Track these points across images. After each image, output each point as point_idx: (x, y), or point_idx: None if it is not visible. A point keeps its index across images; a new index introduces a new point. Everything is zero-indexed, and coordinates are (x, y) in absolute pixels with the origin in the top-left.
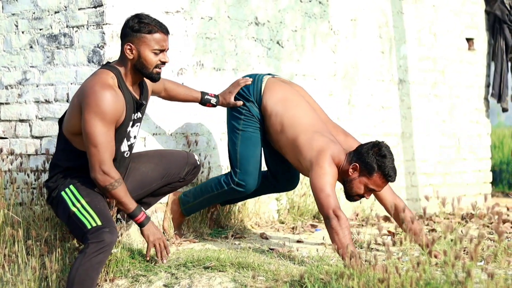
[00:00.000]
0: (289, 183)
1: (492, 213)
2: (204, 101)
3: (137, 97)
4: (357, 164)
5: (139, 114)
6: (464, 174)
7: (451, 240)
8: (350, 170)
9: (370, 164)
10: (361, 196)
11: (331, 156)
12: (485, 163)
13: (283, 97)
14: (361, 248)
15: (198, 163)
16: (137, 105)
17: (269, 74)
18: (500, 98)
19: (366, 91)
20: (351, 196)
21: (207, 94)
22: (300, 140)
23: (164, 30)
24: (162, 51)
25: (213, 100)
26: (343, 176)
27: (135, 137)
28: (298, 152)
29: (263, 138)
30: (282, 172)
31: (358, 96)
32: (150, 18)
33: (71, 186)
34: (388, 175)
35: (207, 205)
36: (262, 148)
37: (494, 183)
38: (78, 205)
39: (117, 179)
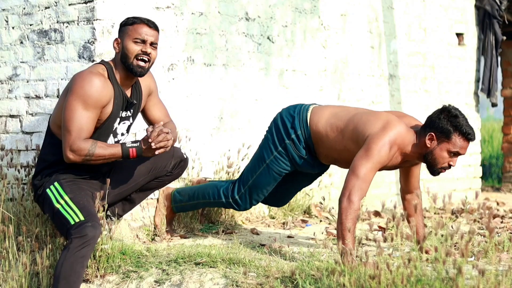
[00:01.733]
0: (281, 201)
1: (482, 208)
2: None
3: (128, 95)
4: (432, 133)
5: (128, 113)
6: (454, 169)
7: (442, 235)
8: (427, 141)
9: (445, 127)
10: (446, 168)
11: (390, 138)
12: (474, 158)
13: (333, 112)
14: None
15: (185, 156)
16: (127, 103)
17: (314, 103)
18: (489, 93)
19: (356, 86)
20: (436, 168)
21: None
22: (361, 121)
23: (149, 24)
24: (143, 41)
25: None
26: (421, 152)
27: (122, 134)
28: (361, 135)
29: (286, 174)
30: (282, 194)
31: (348, 91)
32: (141, 17)
33: (56, 183)
34: (467, 133)
35: (199, 208)
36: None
37: (483, 177)
38: (62, 201)
39: (89, 147)
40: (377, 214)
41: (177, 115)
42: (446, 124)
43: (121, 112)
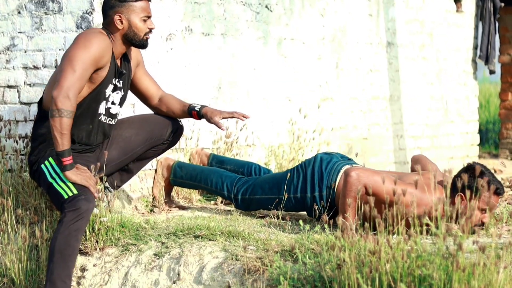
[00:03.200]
0: None
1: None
2: (189, 109)
3: (119, 64)
4: (461, 194)
5: (120, 83)
6: (452, 136)
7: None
8: (456, 201)
9: (472, 186)
10: (480, 225)
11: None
12: (472, 125)
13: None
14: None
15: (180, 124)
16: (118, 73)
17: (348, 163)
18: (487, 60)
19: (354, 55)
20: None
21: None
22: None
23: None
24: (149, 17)
25: (198, 107)
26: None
27: (113, 103)
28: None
29: None
30: None
31: (346, 60)
32: None
33: (50, 159)
34: (496, 188)
35: (197, 189)
36: None
37: (480, 143)
38: (56, 176)
39: (72, 111)
40: None
41: (175, 85)
42: (473, 182)
43: (113, 79)
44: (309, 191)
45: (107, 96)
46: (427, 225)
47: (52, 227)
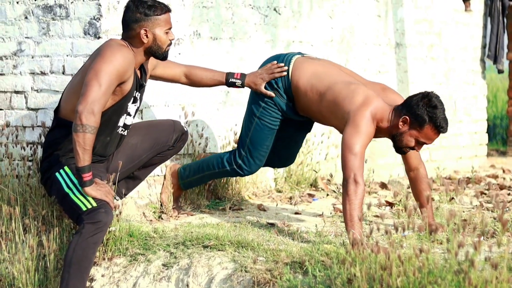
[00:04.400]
0: (287, 162)
1: (496, 201)
2: (229, 84)
3: (139, 76)
4: (407, 117)
5: (138, 94)
6: (460, 136)
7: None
8: (400, 123)
9: (420, 116)
10: (411, 148)
11: (371, 113)
12: (480, 125)
13: (315, 70)
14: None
15: (186, 129)
16: (138, 85)
17: (299, 53)
18: (496, 59)
19: (362, 56)
20: (400, 148)
21: (233, 75)
22: (341, 95)
23: (169, 9)
24: (170, 29)
25: (239, 83)
26: (391, 130)
27: (129, 114)
28: (340, 109)
29: (280, 124)
30: (284, 151)
31: (354, 61)
32: (161, 2)
33: (66, 168)
34: (440, 126)
35: (206, 181)
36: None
37: (488, 138)
38: (73, 187)
39: (96, 127)
40: (383, 186)
41: (183, 90)
42: (423, 112)
43: (135, 91)
44: (269, 87)
45: (128, 110)
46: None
47: (60, 237)
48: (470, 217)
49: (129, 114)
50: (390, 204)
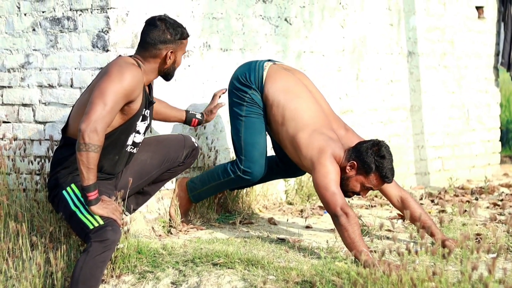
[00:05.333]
0: (296, 168)
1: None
2: (189, 118)
3: (147, 93)
4: (355, 162)
5: (147, 112)
6: (473, 145)
7: (463, 225)
8: (348, 167)
9: (368, 163)
10: (356, 194)
11: (331, 155)
12: (494, 133)
13: (285, 87)
14: (370, 236)
15: (196, 145)
16: (148, 102)
17: (269, 60)
18: (509, 67)
19: (374, 65)
20: (346, 192)
21: (191, 112)
22: (300, 137)
23: (188, 34)
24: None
25: (199, 115)
26: (340, 172)
27: (138, 132)
28: (298, 149)
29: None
30: (285, 154)
31: (366, 71)
32: (176, 21)
33: (73, 185)
34: (385, 177)
35: (215, 192)
36: (269, 134)
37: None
38: (79, 205)
39: (100, 145)
40: None
41: (193, 102)
42: (370, 161)
43: (144, 109)
44: (247, 88)
45: (137, 128)
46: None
47: (68, 254)
48: (483, 236)
49: (138, 132)
50: (402, 217)
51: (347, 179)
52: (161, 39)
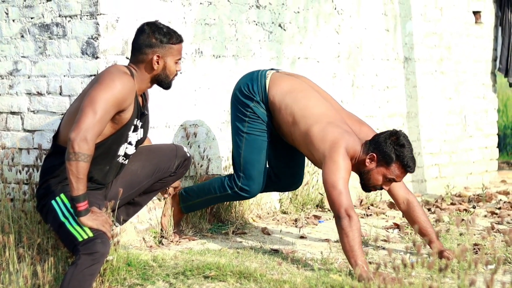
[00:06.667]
0: (293, 183)
1: (508, 223)
2: None
3: (141, 104)
4: (374, 154)
5: (139, 122)
6: (470, 151)
7: (460, 234)
8: (367, 160)
9: (388, 153)
10: (378, 188)
11: (345, 149)
12: (491, 139)
13: (291, 89)
14: (367, 246)
15: (188, 155)
16: (140, 113)
17: (272, 69)
18: (507, 72)
19: (370, 71)
20: (368, 187)
21: None
22: (312, 131)
23: (182, 39)
24: (179, 60)
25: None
26: (359, 167)
27: (130, 143)
28: (310, 144)
29: (269, 136)
30: (286, 172)
31: (362, 77)
32: (167, 27)
33: (62, 195)
34: (407, 165)
35: (208, 205)
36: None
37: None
38: (69, 215)
39: (90, 155)
40: (391, 206)
41: (184, 110)
42: (390, 150)
43: (135, 120)
44: (249, 101)
45: (128, 138)
46: None
47: (56, 266)
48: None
49: (130, 144)
50: (398, 227)
51: (367, 172)
52: (146, 43)
